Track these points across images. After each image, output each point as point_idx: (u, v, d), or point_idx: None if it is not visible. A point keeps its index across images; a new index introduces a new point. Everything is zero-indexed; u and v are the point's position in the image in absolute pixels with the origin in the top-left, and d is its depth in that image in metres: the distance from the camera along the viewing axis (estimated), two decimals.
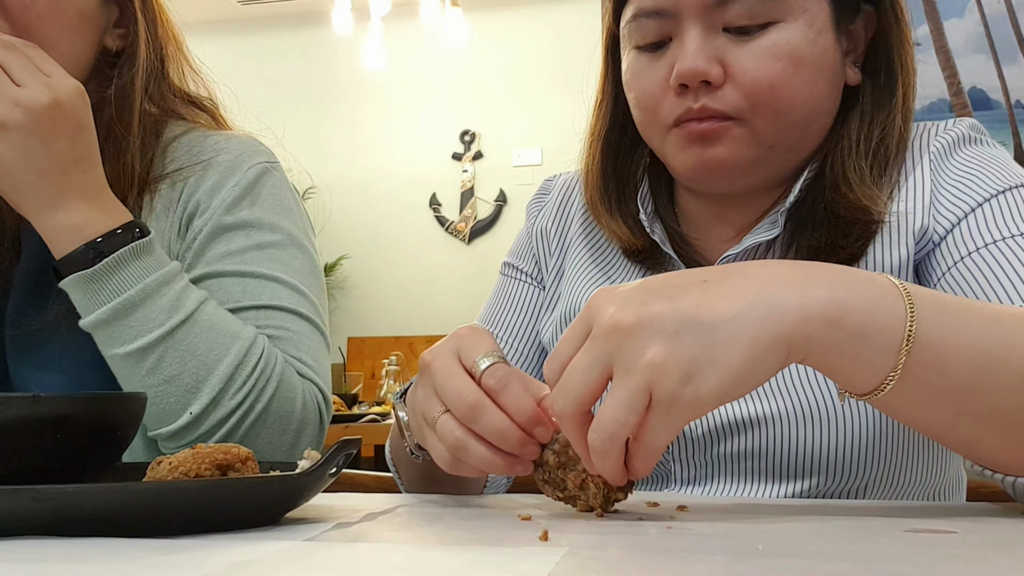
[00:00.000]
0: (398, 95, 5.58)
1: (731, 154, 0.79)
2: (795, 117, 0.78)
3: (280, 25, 5.76)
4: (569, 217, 0.99)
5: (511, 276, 1.00)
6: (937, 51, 2.09)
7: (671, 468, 0.84)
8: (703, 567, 0.43)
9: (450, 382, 0.61)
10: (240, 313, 0.92)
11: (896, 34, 0.82)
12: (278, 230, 0.98)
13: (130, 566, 0.43)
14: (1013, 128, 2.05)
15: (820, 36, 0.78)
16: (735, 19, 0.76)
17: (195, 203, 0.97)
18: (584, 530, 0.54)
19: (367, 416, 3.13)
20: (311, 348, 0.94)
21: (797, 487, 0.79)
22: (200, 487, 0.53)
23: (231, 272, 0.94)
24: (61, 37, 0.93)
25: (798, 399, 0.78)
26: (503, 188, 5.42)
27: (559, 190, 1.01)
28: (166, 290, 0.85)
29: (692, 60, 0.76)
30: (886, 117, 0.81)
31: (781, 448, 0.79)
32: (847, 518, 0.58)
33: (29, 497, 0.50)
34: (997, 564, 0.44)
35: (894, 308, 0.54)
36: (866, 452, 0.78)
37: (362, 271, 5.48)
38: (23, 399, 0.58)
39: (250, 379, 0.87)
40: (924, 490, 0.83)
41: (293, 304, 0.94)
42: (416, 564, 0.44)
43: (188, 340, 0.85)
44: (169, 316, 0.85)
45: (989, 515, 0.60)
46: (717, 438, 0.81)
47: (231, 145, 1.01)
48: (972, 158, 0.82)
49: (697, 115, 0.78)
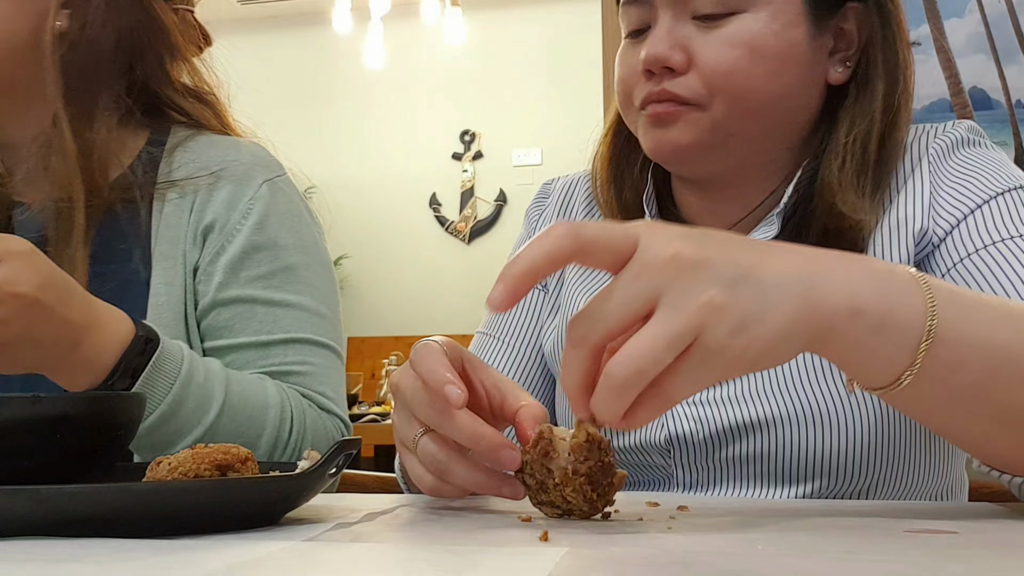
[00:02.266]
0: (398, 95, 5.58)
1: (684, 137, 0.80)
2: (752, 106, 0.79)
3: (280, 25, 5.76)
4: (571, 219, 0.99)
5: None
6: (937, 51, 2.09)
7: (673, 472, 0.83)
8: (703, 567, 0.43)
9: (415, 395, 0.61)
10: (271, 347, 0.96)
11: (880, 32, 0.81)
12: (301, 248, 1.01)
13: (130, 566, 0.43)
14: (1014, 128, 2.05)
15: (787, 28, 0.78)
16: (702, 7, 0.79)
17: (211, 217, 0.98)
18: (584, 530, 0.54)
19: (367, 416, 3.13)
20: (332, 380, 1.00)
21: (800, 491, 0.79)
22: (200, 487, 0.53)
23: (263, 300, 0.98)
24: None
25: (800, 402, 0.78)
26: (503, 188, 5.42)
27: (559, 193, 1.01)
28: (193, 388, 0.86)
29: (655, 47, 0.79)
30: (868, 115, 0.81)
31: (784, 452, 0.78)
32: (847, 518, 0.58)
33: (29, 497, 0.50)
34: (997, 564, 0.44)
35: (914, 303, 0.53)
36: (869, 454, 0.78)
37: (362, 271, 5.48)
38: (23, 399, 0.58)
39: (290, 442, 0.92)
40: (927, 491, 0.83)
41: (316, 334, 0.99)
42: (416, 564, 0.44)
43: (229, 428, 0.88)
44: (205, 412, 0.87)
45: (989, 515, 0.60)
46: (721, 442, 0.80)
47: (241, 156, 1.02)
48: (971, 160, 0.82)
49: (657, 98, 0.80)
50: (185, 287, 0.97)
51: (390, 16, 5.01)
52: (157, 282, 0.96)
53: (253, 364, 0.97)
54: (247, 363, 0.97)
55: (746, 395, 0.80)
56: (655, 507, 0.64)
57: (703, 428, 0.81)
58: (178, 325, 0.96)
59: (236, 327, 0.97)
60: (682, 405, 0.81)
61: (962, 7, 2.08)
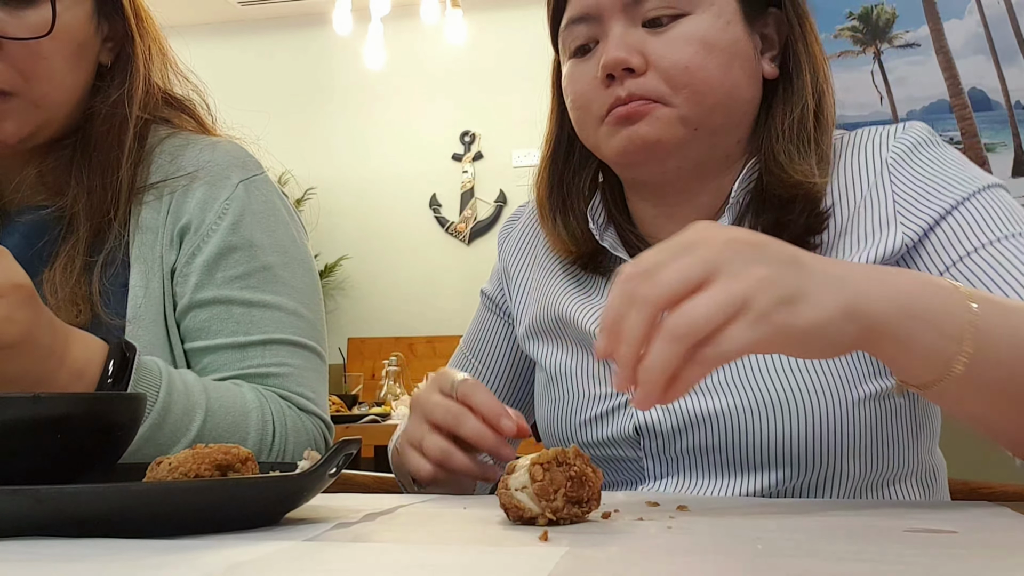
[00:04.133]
0: (398, 95, 5.58)
1: (655, 132, 0.83)
2: (714, 98, 0.84)
3: (280, 25, 5.76)
4: (538, 234, 1.03)
5: (486, 306, 1.08)
6: (937, 51, 2.09)
7: (643, 465, 0.86)
8: (703, 567, 0.43)
9: (436, 405, 0.78)
10: (248, 349, 0.96)
11: (800, 30, 0.88)
12: (278, 248, 1.01)
13: (130, 566, 0.43)
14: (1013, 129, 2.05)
15: (729, 26, 0.84)
16: (650, 12, 0.83)
17: (187, 218, 0.98)
18: (584, 530, 0.54)
19: (367, 417, 3.13)
20: (310, 380, 1.00)
21: (764, 481, 0.81)
22: (200, 487, 0.53)
23: (239, 300, 0.97)
24: (65, 72, 0.94)
25: (758, 392, 0.80)
26: (503, 189, 5.41)
27: (528, 216, 1.06)
28: (176, 394, 0.87)
29: (614, 50, 0.83)
30: (802, 100, 0.87)
31: (749, 440, 0.80)
32: (847, 518, 0.58)
33: (29, 497, 0.50)
34: (997, 564, 0.44)
35: (955, 302, 0.59)
36: (831, 442, 0.79)
37: (362, 271, 5.48)
38: (23, 399, 0.58)
39: (274, 445, 0.93)
40: (902, 476, 0.84)
41: (294, 334, 0.99)
42: (416, 564, 0.44)
43: (215, 435, 0.89)
44: (191, 419, 0.88)
45: (989, 515, 0.60)
46: (688, 430, 0.83)
47: (216, 156, 1.02)
48: (934, 162, 0.83)
49: (625, 100, 0.83)
50: (164, 289, 0.97)
51: (390, 17, 5.01)
52: (135, 284, 0.96)
53: (231, 366, 0.96)
54: (225, 365, 0.96)
55: (712, 385, 0.82)
56: (655, 507, 0.64)
57: (671, 417, 0.83)
58: (157, 327, 0.95)
59: (213, 328, 0.96)
60: None
61: (961, 8, 2.08)
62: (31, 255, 0.96)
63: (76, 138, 0.98)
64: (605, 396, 0.88)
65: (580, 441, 0.89)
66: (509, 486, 0.57)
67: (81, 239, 0.95)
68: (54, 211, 0.98)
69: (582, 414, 0.89)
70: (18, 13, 0.90)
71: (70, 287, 0.93)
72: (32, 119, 0.94)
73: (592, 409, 0.88)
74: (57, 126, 0.97)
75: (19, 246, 0.97)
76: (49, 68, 0.92)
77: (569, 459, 0.56)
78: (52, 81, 0.92)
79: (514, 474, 0.57)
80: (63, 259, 0.95)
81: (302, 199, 5.25)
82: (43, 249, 0.97)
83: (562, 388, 0.92)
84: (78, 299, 0.92)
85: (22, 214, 1.00)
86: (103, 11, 0.98)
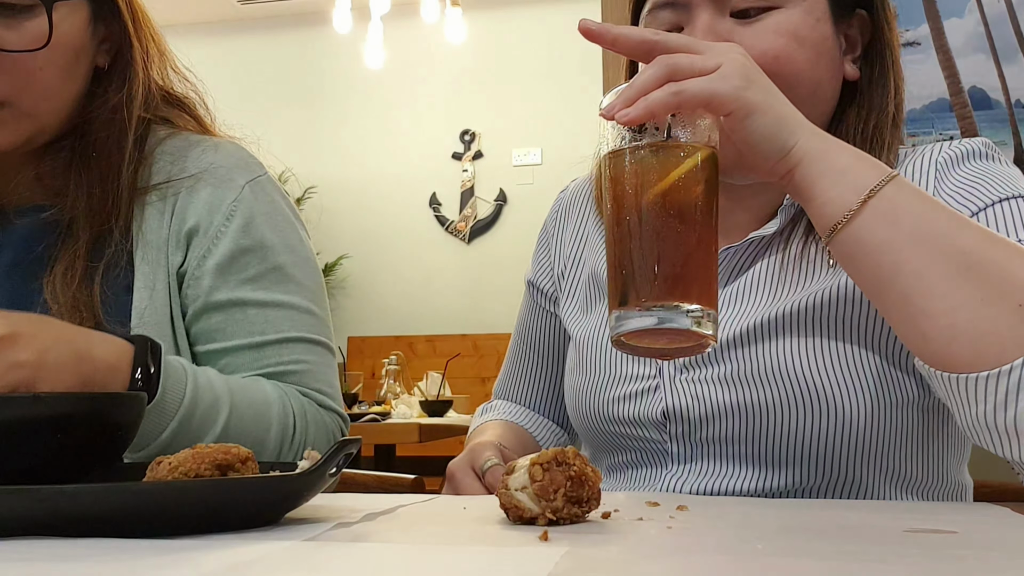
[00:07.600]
0: (398, 95, 5.58)
1: None
2: (800, 92, 0.82)
3: (280, 25, 5.76)
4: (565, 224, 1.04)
5: (531, 295, 1.08)
6: (937, 51, 2.09)
7: (668, 447, 0.87)
8: (703, 567, 0.43)
9: (466, 489, 0.83)
10: (265, 348, 0.97)
11: (888, 35, 0.89)
12: (287, 248, 1.02)
13: (130, 566, 0.43)
14: (1013, 128, 2.05)
15: (819, 23, 0.84)
16: (740, 2, 0.83)
17: (194, 220, 0.98)
18: (584, 530, 0.54)
19: (367, 416, 3.12)
20: (327, 376, 1.02)
21: (786, 478, 0.81)
22: (200, 487, 0.53)
23: (254, 301, 0.98)
24: (60, 81, 0.94)
25: (790, 388, 0.80)
26: (503, 188, 5.41)
27: (567, 200, 1.07)
28: (201, 390, 0.87)
29: (704, 38, 0.81)
30: (882, 106, 0.87)
31: (779, 435, 0.80)
32: (847, 518, 0.58)
33: (29, 497, 0.50)
34: (997, 564, 0.44)
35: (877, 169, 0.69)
36: (861, 443, 0.79)
37: (362, 271, 5.48)
38: (23, 399, 0.58)
39: (295, 438, 0.95)
40: (925, 492, 0.84)
41: (309, 331, 1.01)
42: (416, 564, 0.44)
43: (239, 428, 0.90)
44: (218, 412, 0.88)
45: (989, 515, 0.60)
46: (716, 420, 0.83)
47: (219, 158, 1.02)
48: (978, 169, 0.84)
49: None
50: (169, 291, 0.97)
51: (390, 16, 5.01)
52: (140, 287, 0.96)
53: (248, 366, 0.97)
54: (242, 365, 0.97)
55: (744, 377, 0.82)
56: (655, 507, 0.64)
57: (699, 405, 0.83)
58: (163, 329, 0.95)
59: (229, 330, 0.97)
60: (681, 382, 0.85)
61: (962, 7, 2.08)
62: (31, 260, 0.96)
63: (74, 140, 0.98)
64: (637, 377, 0.88)
65: (607, 417, 0.90)
66: (509, 486, 0.57)
67: (81, 244, 0.95)
68: (53, 213, 0.97)
69: (613, 391, 0.89)
70: (14, 24, 0.89)
71: (71, 293, 0.92)
72: (26, 128, 0.93)
73: (623, 388, 0.89)
74: (52, 132, 0.97)
75: (18, 250, 0.97)
76: (44, 78, 0.92)
77: (569, 459, 0.56)
78: (47, 91, 0.92)
79: (514, 474, 0.57)
80: (63, 264, 0.94)
81: (302, 198, 5.25)
82: (43, 253, 0.97)
83: (594, 363, 0.92)
84: (80, 305, 0.92)
85: (21, 216, 1.00)
86: (99, 15, 0.98)
